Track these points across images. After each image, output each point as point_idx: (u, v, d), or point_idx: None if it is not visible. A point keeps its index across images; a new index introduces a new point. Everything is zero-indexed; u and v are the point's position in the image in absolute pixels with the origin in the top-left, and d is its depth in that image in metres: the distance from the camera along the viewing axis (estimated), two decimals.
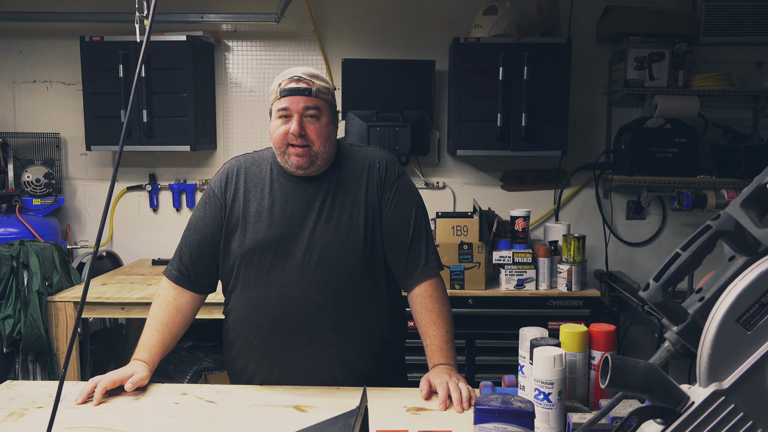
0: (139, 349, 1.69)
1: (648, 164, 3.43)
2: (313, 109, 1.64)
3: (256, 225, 1.68)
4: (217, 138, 3.85)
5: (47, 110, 3.86)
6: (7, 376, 2.92)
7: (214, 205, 1.73)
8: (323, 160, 1.68)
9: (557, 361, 1.30)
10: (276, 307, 1.66)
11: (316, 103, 1.64)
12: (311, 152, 1.64)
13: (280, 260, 1.66)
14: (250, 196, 1.71)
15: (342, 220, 1.67)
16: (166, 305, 1.73)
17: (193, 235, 1.75)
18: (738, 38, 3.52)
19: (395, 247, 1.72)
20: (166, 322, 1.71)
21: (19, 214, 3.55)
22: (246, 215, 1.69)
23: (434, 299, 1.74)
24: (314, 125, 1.64)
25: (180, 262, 1.75)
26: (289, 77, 1.65)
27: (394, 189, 1.72)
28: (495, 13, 3.42)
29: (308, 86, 1.64)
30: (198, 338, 3.30)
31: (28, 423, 1.44)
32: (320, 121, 1.65)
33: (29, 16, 3.65)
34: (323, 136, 1.66)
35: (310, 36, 3.77)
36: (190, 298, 1.76)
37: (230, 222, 1.71)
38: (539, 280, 3.18)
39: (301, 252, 1.66)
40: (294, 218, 1.67)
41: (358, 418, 0.99)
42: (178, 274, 1.75)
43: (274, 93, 1.67)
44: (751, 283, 0.80)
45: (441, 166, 3.82)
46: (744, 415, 0.80)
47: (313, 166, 1.67)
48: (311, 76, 1.66)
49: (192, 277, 1.75)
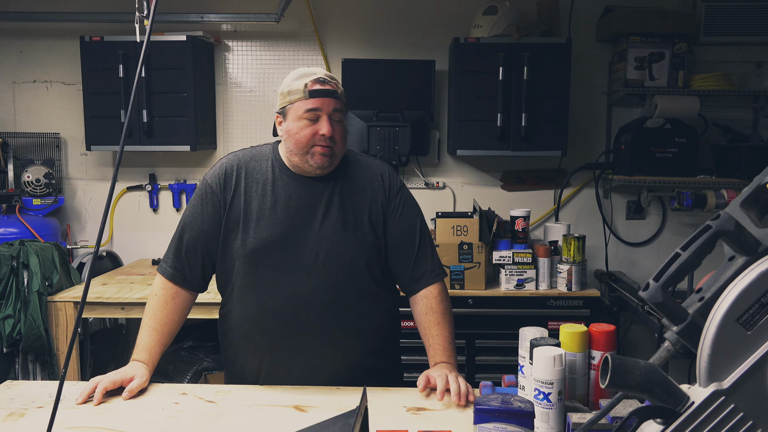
0: (138, 349, 1.68)
1: (648, 164, 3.43)
2: (339, 112, 1.66)
3: (259, 223, 1.67)
4: (217, 138, 3.85)
5: (47, 110, 3.86)
6: (7, 376, 2.92)
7: (212, 202, 1.71)
8: (338, 161, 1.70)
9: (557, 361, 1.30)
10: (284, 307, 1.66)
11: (341, 106, 1.67)
12: (333, 152, 1.66)
13: (287, 259, 1.66)
14: (252, 193, 1.69)
15: (348, 222, 1.69)
16: (164, 304, 1.72)
17: (189, 232, 1.73)
18: (738, 38, 3.52)
19: (400, 255, 1.76)
20: (165, 321, 1.71)
21: (19, 214, 3.55)
22: (248, 213, 1.68)
23: (439, 301, 1.78)
24: (339, 127, 1.66)
25: (176, 259, 1.73)
26: (314, 78, 1.64)
27: (398, 199, 1.76)
28: (495, 13, 3.42)
29: (334, 88, 1.65)
30: (198, 338, 3.30)
31: (28, 423, 1.44)
32: (342, 125, 1.68)
33: (29, 16, 3.65)
34: (344, 138, 1.70)
35: (310, 36, 3.77)
36: (186, 296, 1.75)
37: (230, 219, 1.69)
38: (539, 280, 3.18)
39: (308, 251, 1.66)
40: (299, 217, 1.67)
41: (358, 418, 0.99)
42: (174, 272, 1.73)
43: (299, 93, 1.63)
44: (751, 283, 0.80)
45: (441, 166, 3.82)
46: (744, 415, 0.80)
47: (331, 166, 1.68)
48: (332, 78, 1.67)
49: (188, 275, 1.73)
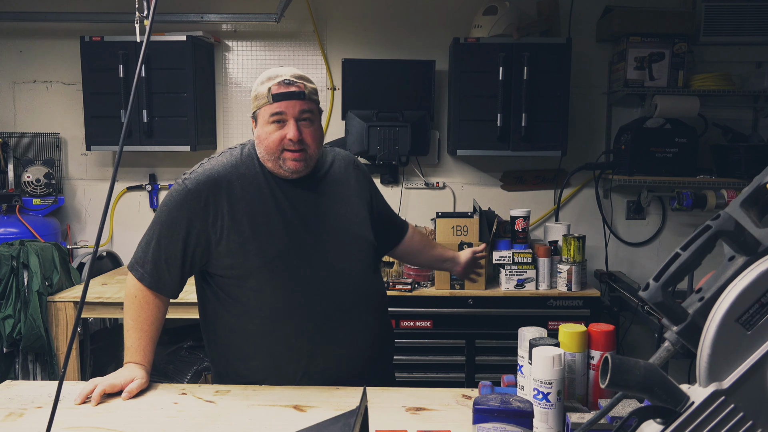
0: (131, 352, 1.63)
1: (648, 164, 3.43)
2: (308, 113, 1.63)
3: (271, 231, 1.63)
4: (217, 138, 3.85)
5: (47, 110, 3.86)
6: (7, 376, 2.92)
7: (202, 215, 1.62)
8: (314, 162, 1.70)
9: (556, 361, 1.30)
10: (317, 305, 1.66)
11: (310, 106, 1.63)
12: (306, 156, 1.64)
13: (307, 260, 1.65)
14: (253, 205, 1.64)
15: (349, 212, 1.75)
16: (145, 305, 1.65)
17: (173, 242, 1.63)
18: (738, 38, 3.52)
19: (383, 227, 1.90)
20: (151, 321, 1.65)
21: (19, 214, 3.55)
22: (254, 224, 1.62)
23: (420, 234, 2.09)
24: (309, 129, 1.63)
25: (154, 266, 1.64)
26: (278, 81, 1.61)
27: (370, 182, 1.90)
28: (495, 13, 3.42)
29: (301, 89, 1.61)
30: (198, 338, 3.28)
31: (27, 423, 1.44)
32: (314, 125, 1.65)
33: (29, 16, 3.65)
34: (317, 140, 1.66)
35: (310, 36, 3.77)
36: (164, 299, 1.69)
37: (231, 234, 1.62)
38: (539, 280, 3.18)
39: (324, 248, 1.67)
40: (307, 217, 1.68)
41: (357, 418, 0.99)
42: (152, 279, 1.65)
43: (263, 98, 1.62)
44: (751, 283, 0.80)
45: (441, 166, 3.82)
46: (744, 415, 0.80)
47: (305, 170, 1.67)
48: (300, 78, 1.63)
49: (167, 282, 1.66)
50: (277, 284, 1.63)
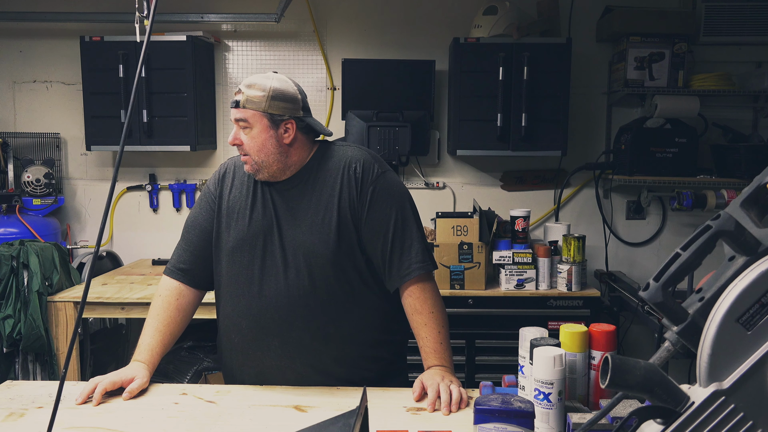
0: (140, 350, 1.68)
1: (648, 164, 3.43)
2: (242, 121, 1.66)
3: (237, 222, 1.71)
4: (217, 138, 3.85)
5: (47, 110, 3.86)
6: (7, 376, 2.92)
7: (209, 200, 1.77)
8: (273, 168, 1.66)
9: (557, 361, 1.30)
10: (252, 306, 1.68)
11: (243, 114, 1.64)
12: (252, 161, 1.67)
13: (257, 258, 1.68)
14: (237, 193, 1.74)
15: (315, 222, 1.66)
16: (168, 305, 1.73)
17: (191, 231, 1.78)
18: (738, 38, 3.52)
19: (375, 251, 1.69)
20: (168, 323, 1.72)
21: (19, 214, 3.55)
22: (230, 213, 1.73)
23: (422, 300, 1.67)
24: (245, 136, 1.66)
25: (180, 259, 1.77)
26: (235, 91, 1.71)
27: (371, 190, 1.67)
28: (495, 13, 3.42)
29: (237, 97, 1.66)
30: (198, 338, 3.29)
31: (27, 423, 1.44)
32: (251, 132, 1.65)
33: (29, 16, 3.65)
34: (256, 147, 1.65)
35: (310, 36, 3.77)
36: (192, 296, 1.77)
37: (220, 219, 1.74)
38: (539, 280, 3.18)
39: (275, 252, 1.67)
40: (267, 218, 1.69)
41: (358, 418, 0.99)
42: (180, 272, 1.76)
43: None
44: (751, 283, 0.80)
45: (441, 166, 3.82)
46: (744, 415, 0.80)
47: (261, 174, 1.68)
48: (248, 86, 1.65)
49: (194, 273, 1.76)
50: (230, 277, 1.71)
